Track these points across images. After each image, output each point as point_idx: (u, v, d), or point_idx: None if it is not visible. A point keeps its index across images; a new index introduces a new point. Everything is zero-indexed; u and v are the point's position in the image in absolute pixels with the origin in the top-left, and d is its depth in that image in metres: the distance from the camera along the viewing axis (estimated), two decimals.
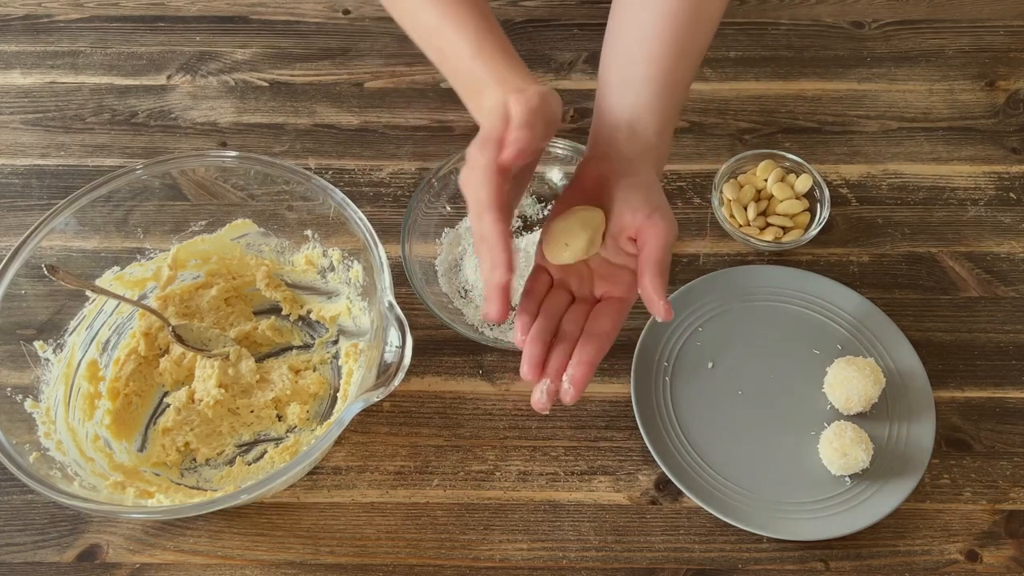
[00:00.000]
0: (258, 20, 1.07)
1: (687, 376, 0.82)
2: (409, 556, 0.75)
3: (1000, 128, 0.99)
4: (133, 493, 0.71)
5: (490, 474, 0.78)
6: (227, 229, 0.85)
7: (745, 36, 1.06)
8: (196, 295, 0.85)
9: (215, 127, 0.98)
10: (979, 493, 0.78)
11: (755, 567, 0.75)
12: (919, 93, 1.01)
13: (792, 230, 0.90)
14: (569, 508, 0.77)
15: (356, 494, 0.78)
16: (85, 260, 0.81)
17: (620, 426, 0.81)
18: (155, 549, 0.75)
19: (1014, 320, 0.86)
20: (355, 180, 0.94)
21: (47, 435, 0.73)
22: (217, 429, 0.80)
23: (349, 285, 0.83)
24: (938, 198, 0.94)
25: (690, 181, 0.94)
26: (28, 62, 1.03)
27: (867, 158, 0.96)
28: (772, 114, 0.99)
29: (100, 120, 0.99)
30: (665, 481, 0.78)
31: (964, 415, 0.81)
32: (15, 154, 0.96)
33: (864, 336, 0.83)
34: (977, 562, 0.75)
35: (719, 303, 0.85)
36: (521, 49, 1.03)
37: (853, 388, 0.78)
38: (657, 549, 0.75)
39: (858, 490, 0.76)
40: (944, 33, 1.06)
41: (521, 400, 0.82)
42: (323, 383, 0.82)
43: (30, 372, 0.76)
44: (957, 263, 0.89)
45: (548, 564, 0.75)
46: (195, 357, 0.82)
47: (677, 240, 0.88)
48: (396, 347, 0.69)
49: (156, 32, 1.06)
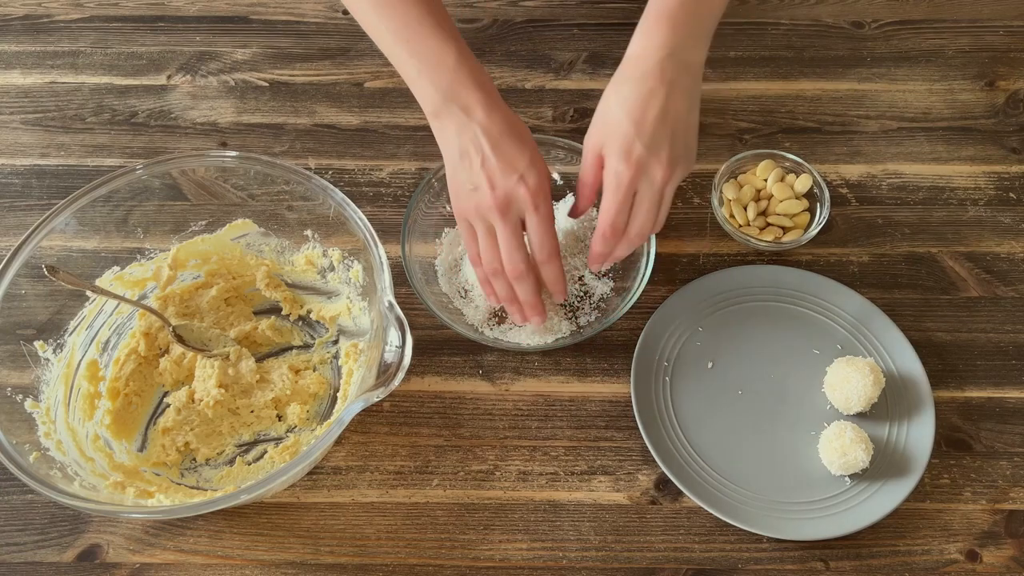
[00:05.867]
0: (258, 20, 1.07)
1: (687, 376, 0.82)
2: (409, 556, 0.75)
3: (1000, 128, 0.99)
4: (133, 493, 0.71)
5: (490, 474, 0.78)
6: (227, 229, 0.85)
7: (745, 36, 1.06)
8: (196, 295, 0.85)
9: (215, 127, 0.98)
10: (979, 493, 0.78)
11: (755, 567, 0.75)
12: (919, 93, 1.01)
13: (792, 230, 0.89)
14: (569, 508, 0.77)
15: (356, 494, 0.78)
16: (85, 260, 0.81)
17: (620, 426, 0.81)
18: (155, 549, 0.75)
19: (1014, 320, 0.86)
20: (355, 180, 0.94)
21: (47, 435, 0.73)
22: (217, 429, 0.80)
23: (349, 285, 0.83)
24: (938, 198, 0.94)
25: (690, 181, 0.94)
26: (28, 62, 1.03)
27: (867, 158, 0.96)
28: (772, 114, 0.99)
29: (100, 120, 0.99)
30: (665, 481, 0.78)
31: (964, 415, 0.81)
32: (15, 154, 0.96)
33: (864, 336, 0.83)
34: (977, 562, 0.75)
35: (719, 303, 0.85)
36: (521, 49, 1.04)
37: (853, 388, 0.78)
38: (657, 549, 0.75)
39: (858, 490, 0.76)
40: (944, 33, 1.06)
41: (521, 400, 0.82)
42: (323, 383, 0.82)
43: (30, 372, 0.76)
44: (957, 263, 0.89)
45: (548, 564, 0.75)
46: (195, 357, 0.82)
47: (675, 240, 0.89)
48: (396, 347, 0.69)
49: (156, 32, 1.06)
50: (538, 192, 0.73)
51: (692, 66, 0.74)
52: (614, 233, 0.75)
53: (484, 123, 0.73)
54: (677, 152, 0.73)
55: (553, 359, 0.84)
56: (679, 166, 0.73)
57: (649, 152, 0.71)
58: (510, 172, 0.72)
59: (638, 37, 0.74)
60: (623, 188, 0.73)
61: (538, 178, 0.73)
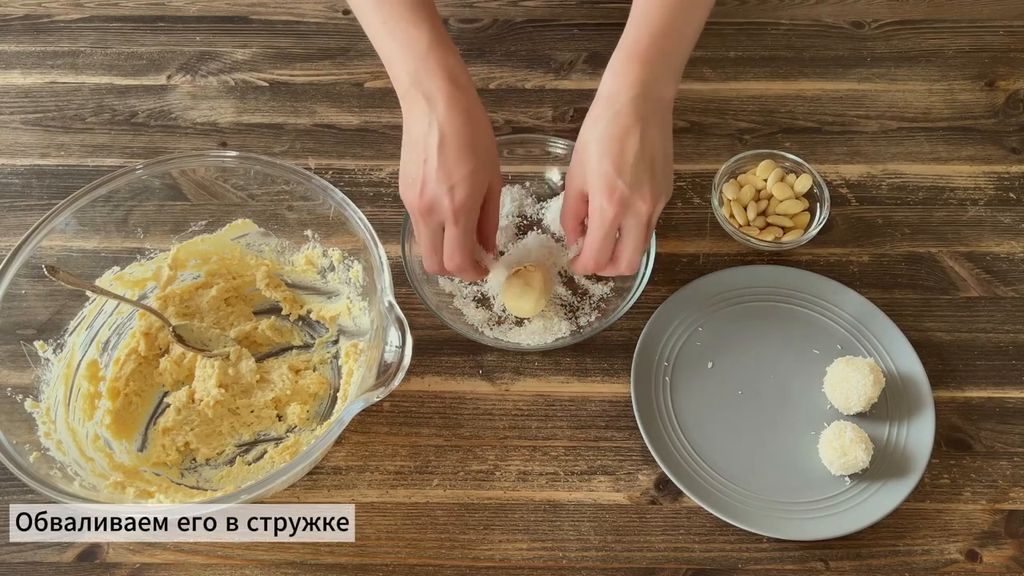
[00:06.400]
0: (258, 20, 1.07)
1: (687, 376, 0.82)
2: (409, 556, 0.75)
3: (1000, 128, 0.99)
4: (133, 493, 0.71)
5: (490, 474, 0.78)
6: (227, 229, 0.85)
7: (745, 36, 1.06)
8: (196, 295, 0.85)
9: (215, 127, 0.98)
10: (979, 493, 0.78)
11: (755, 567, 0.75)
12: (919, 93, 1.01)
13: (792, 230, 0.89)
14: (569, 508, 0.77)
15: (356, 494, 0.77)
16: (85, 260, 0.81)
17: (620, 426, 0.81)
18: (155, 549, 0.75)
19: (1014, 320, 0.86)
20: (355, 180, 0.94)
21: (47, 435, 0.73)
22: (217, 429, 0.80)
23: (349, 285, 0.83)
24: (938, 198, 0.94)
25: (690, 181, 0.94)
26: (28, 62, 1.03)
27: (867, 158, 0.96)
28: (772, 114, 0.99)
29: (100, 120, 0.99)
30: (665, 481, 0.78)
31: (964, 415, 0.81)
32: (15, 154, 0.96)
33: (864, 336, 0.83)
34: (977, 562, 0.75)
35: (719, 303, 0.85)
36: (521, 49, 1.04)
37: (853, 388, 0.78)
38: (657, 549, 0.75)
39: (858, 490, 0.76)
40: (944, 33, 1.06)
41: (521, 400, 0.82)
42: (323, 383, 0.82)
43: (30, 372, 0.76)
44: (957, 263, 0.89)
45: (548, 564, 0.75)
46: (195, 357, 0.82)
47: (675, 240, 0.89)
48: (396, 347, 0.69)
49: (156, 32, 1.06)
50: (460, 209, 0.73)
51: (663, 101, 0.76)
52: (596, 267, 0.77)
53: (442, 119, 0.73)
54: (658, 186, 0.74)
55: (553, 359, 0.84)
56: (661, 198, 0.75)
57: (632, 190, 0.73)
58: (443, 180, 0.73)
59: (609, 76, 0.76)
60: (607, 224, 0.74)
61: (466, 193, 0.73)
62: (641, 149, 0.73)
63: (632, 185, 0.73)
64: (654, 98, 0.75)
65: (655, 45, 0.75)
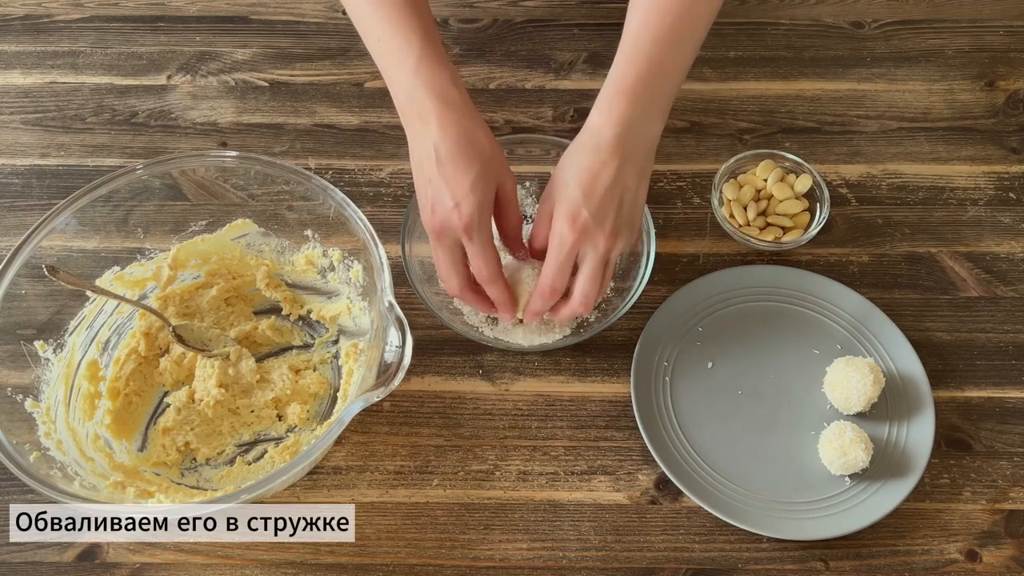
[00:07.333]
0: (258, 20, 1.07)
1: (687, 376, 0.82)
2: (409, 556, 0.75)
3: (1000, 128, 0.99)
4: (133, 493, 0.71)
5: (490, 474, 0.78)
6: (227, 229, 0.85)
7: (745, 36, 1.06)
8: (196, 295, 0.85)
9: (215, 127, 0.98)
10: (979, 493, 0.78)
11: (755, 567, 0.75)
12: (919, 93, 1.01)
13: (792, 230, 0.90)
14: (569, 508, 0.77)
15: (356, 494, 0.77)
16: (85, 260, 0.81)
17: (620, 426, 0.81)
18: (155, 549, 0.75)
19: (1014, 320, 0.86)
20: (355, 180, 0.94)
21: (47, 435, 0.73)
22: (217, 429, 0.80)
23: (349, 285, 0.83)
24: (938, 198, 0.94)
25: (690, 181, 0.94)
26: (28, 62, 1.03)
27: (867, 158, 0.96)
28: (772, 114, 0.99)
29: (100, 120, 0.99)
30: (665, 481, 0.78)
31: (964, 415, 0.81)
32: (15, 154, 0.96)
33: (864, 336, 0.83)
34: (977, 562, 0.75)
35: (719, 303, 0.85)
36: (521, 49, 1.04)
37: (853, 388, 0.78)
38: (657, 549, 0.75)
39: (858, 490, 0.76)
40: (944, 33, 1.06)
41: (521, 400, 0.82)
42: (323, 383, 0.82)
43: (30, 372, 0.76)
44: (957, 263, 0.90)
45: (548, 564, 0.75)
46: (195, 357, 0.82)
47: (675, 240, 0.90)
48: (396, 347, 0.69)
49: (156, 32, 1.06)
50: (470, 224, 0.73)
51: (648, 139, 0.77)
52: (552, 293, 0.77)
53: (436, 138, 0.74)
54: (621, 223, 0.75)
55: (553, 359, 0.84)
56: (621, 237, 0.76)
57: (594, 220, 0.73)
58: (447, 198, 0.73)
59: (596, 110, 0.76)
60: (565, 249, 0.74)
61: (472, 207, 0.73)
62: (612, 184, 0.74)
63: (595, 216, 0.73)
64: (640, 136, 0.75)
65: (641, 82, 0.75)
